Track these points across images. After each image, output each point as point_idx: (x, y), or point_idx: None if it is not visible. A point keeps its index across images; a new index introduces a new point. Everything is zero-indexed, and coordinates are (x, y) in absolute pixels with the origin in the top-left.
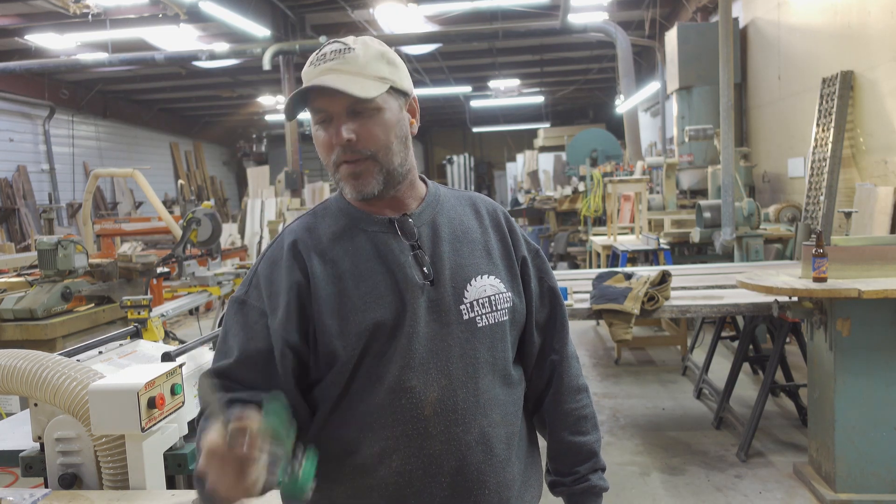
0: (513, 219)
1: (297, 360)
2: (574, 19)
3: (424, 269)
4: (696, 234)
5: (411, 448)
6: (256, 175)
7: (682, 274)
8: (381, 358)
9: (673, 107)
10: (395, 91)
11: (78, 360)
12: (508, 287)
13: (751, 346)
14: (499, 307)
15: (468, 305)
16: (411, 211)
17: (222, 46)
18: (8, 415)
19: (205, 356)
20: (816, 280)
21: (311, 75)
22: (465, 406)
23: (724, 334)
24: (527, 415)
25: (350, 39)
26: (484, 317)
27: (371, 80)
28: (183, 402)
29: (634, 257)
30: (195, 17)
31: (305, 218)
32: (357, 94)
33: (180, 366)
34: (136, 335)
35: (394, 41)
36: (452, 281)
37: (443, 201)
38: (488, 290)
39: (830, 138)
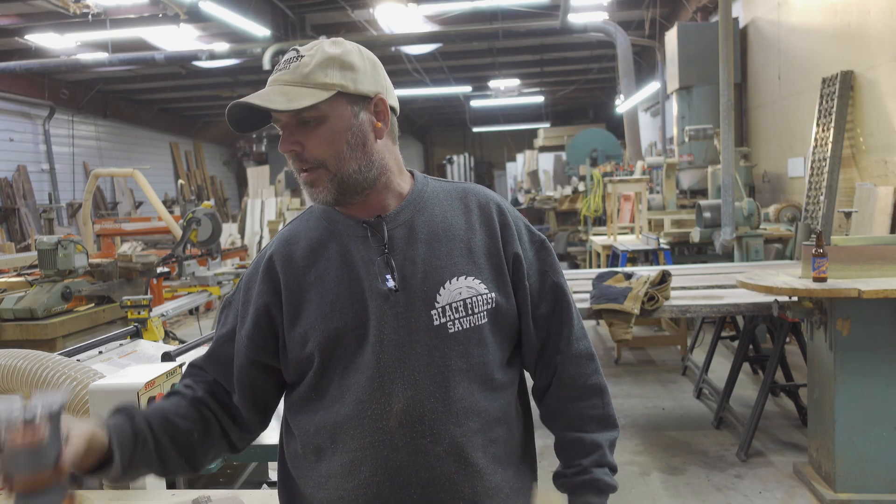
0: (511, 211)
1: (259, 372)
2: (574, 19)
3: (393, 275)
4: (696, 234)
5: (378, 460)
6: (256, 175)
7: (682, 274)
8: (346, 368)
9: (673, 107)
10: (346, 96)
11: (78, 360)
12: (492, 287)
13: (751, 346)
14: (475, 310)
15: (440, 310)
16: (388, 212)
17: (222, 46)
18: None
19: None
20: (816, 280)
21: (267, 85)
22: (434, 416)
23: (724, 334)
24: (524, 417)
25: (306, 47)
26: (457, 322)
27: (310, 89)
28: None
29: (634, 257)
30: (195, 16)
31: (292, 224)
32: (277, 108)
33: (180, 365)
34: (136, 335)
35: (394, 41)
36: (424, 285)
37: (427, 198)
38: (464, 292)
39: (830, 138)
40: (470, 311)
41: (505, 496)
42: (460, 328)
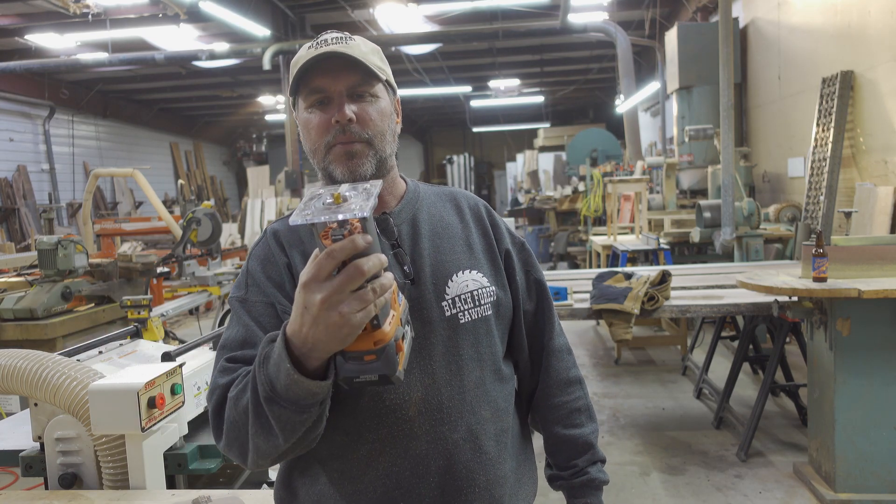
0: (495, 213)
1: None
2: (574, 19)
3: (405, 268)
4: (696, 234)
5: (397, 449)
6: (256, 175)
7: (682, 274)
8: None
9: (673, 107)
10: (388, 85)
11: (78, 360)
12: (492, 281)
13: (751, 346)
14: (482, 302)
15: (450, 302)
16: (391, 209)
17: (222, 46)
18: (8, 415)
19: (205, 356)
20: (816, 280)
21: (313, 54)
22: (451, 404)
23: (724, 334)
24: (519, 410)
25: (345, 34)
26: (466, 312)
27: (372, 66)
28: (183, 402)
29: (634, 257)
30: (195, 16)
31: (287, 218)
32: (369, 66)
33: (180, 365)
34: (136, 335)
35: (394, 41)
36: (433, 278)
37: (423, 198)
38: (470, 284)
39: (830, 138)
40: (477, 303)
41: (511, 485)
42: (470, 319)
